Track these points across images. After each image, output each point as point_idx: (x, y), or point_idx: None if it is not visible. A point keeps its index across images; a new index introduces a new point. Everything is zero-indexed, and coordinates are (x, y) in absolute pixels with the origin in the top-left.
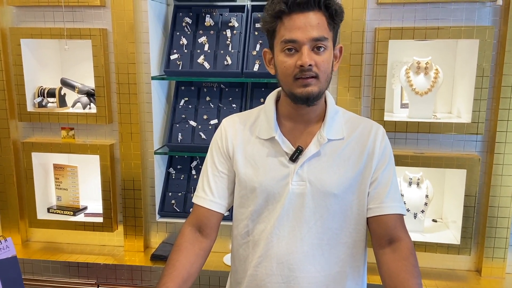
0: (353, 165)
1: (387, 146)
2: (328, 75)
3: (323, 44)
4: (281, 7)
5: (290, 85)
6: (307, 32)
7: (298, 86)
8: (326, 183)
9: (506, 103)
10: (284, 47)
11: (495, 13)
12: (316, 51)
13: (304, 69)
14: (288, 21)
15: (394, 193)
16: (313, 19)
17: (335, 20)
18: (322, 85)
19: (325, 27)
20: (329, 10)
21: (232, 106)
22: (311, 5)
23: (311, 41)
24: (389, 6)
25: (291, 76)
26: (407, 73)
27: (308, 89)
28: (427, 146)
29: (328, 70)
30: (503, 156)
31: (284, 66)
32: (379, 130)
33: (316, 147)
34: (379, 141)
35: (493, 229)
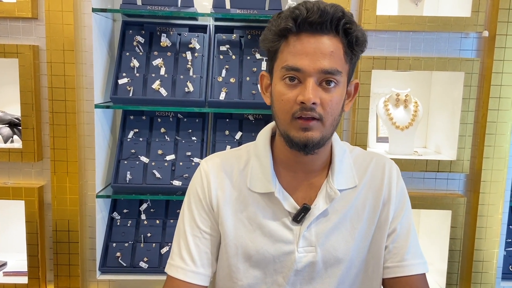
0: (368, 218)
1: (403, 188)
2: (336, 118)
3: (335, 78)
4: (288, 25)
5: (287, 125)
6: (316, 61)
7: (296, 128)
8: (338, 247)
9: (491, 139)
10: (285, 75)
11: (479, 45)
12: (324, 87)
13: (305, 107)
14: (294, 43)
15: (415, 246)
16: (326, 46)
17: (354, 50)
18: (326, 131)
19: (341, 58)
20: (349, 36)
21: (191, 139)
22: (327, 28)
23: (319, 73)
24: (372, 33)
25: (289, 114)
26: (386, 106)
27: (307, 134)
28: (410, 185)
29: (336, 112)
30: (489, 196)
31: (281, 99)
32: (393, 169)
33: (326, 203)
34: (395, 183)
35: (479, 274)
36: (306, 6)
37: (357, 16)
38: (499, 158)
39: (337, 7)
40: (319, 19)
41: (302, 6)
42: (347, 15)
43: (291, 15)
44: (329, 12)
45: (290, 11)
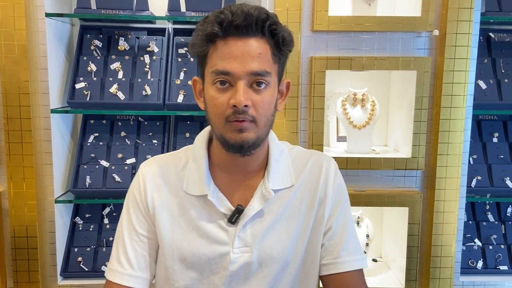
0: (304, 217)
1: (341, 185)
2: (269, 118)
3: (265, 79)
4: (214, 29)
5: (221, 128)
6: (245, 64)
7: (231, 131)
8: (274, 247)
9: (445, 136)
10: (215, 79)
11: (431, 44)
12: (255, 88)
13: (238, 110)
14: (222, 47)
15: (352, 243)
16: (253, 48)
17: (282, 51)
18: (260, 132)
19: (269, 59)
20: (275, 37)
21: (152, 142)
22: (252, 30)
23: (249, 75)
24: (325, 34)
25: (222, 117)
26: (344, 105)
27: (242, 136)
28: (368, 183)
29: (268, 112)
30: (444, 192)
31: (214, 103)
32: (331, 167)
33: (261, 203)
34: (331, 181)
35: (437, 270)
36: (231, 9)
37: (309, 17)
38: (453, 155)
39: (261, 10)
40: (244, 22)
41: (227, 10)
42: (272, 16)
43: (216, 20)
44: (253, 14)
45: (215, 16)
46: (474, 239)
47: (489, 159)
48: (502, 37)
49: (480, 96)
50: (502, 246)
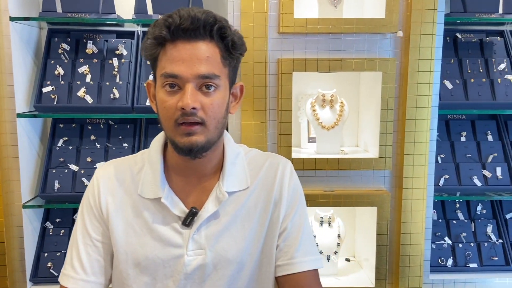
0: (259, 219)
1: (296, 187)
2: (219, 120)
3: (213, 82)
4: (162, 33)
5: (172, 131)
6: (192, 67)
7: (180, 134)
8: (229, 249)
9: (411, 136)
10: (164, 82)
11: (396, 45)
12: (204, 91)
13: (186, 113)
14: (171, 50)
15: (307, 244)
16: (201, 51)
17: (232, 54)
18: (211, 134)
19: (218, 62)
20: (225, 41)
21: (122, 145)
22: (201, 34)
23: (197, 78)
24: (291, 36)
25: (172, 120)
26: (313, 106)
27: (191, 139)
28: (337, 183)
29: (219, 115)
30: (411, 191)
31: (164, 106)
32: (286, 169)
33: (215, 205)
34: (287, 182)
35: (406, 268)
36: (179, 13)
37: (276, 19)
38: (419, 154)
39: (209, 13)
40: (191, 25)
41: (175, 14)
42: (220, 20)
43: (164, 23)
44: (200, 18)
45: (164, 19)
46: (444, 237)
47: (457, 158)
48: (468, 37)
49: (447, 96)
50: (471, 244)
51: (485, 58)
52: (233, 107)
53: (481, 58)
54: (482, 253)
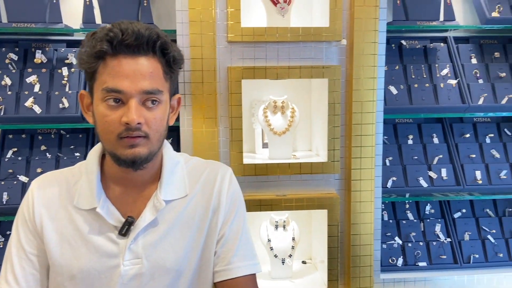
0: (197, 226)
1: (235, 193)
2: (162, 133)
3: (157, 97)
4: (103, 47)
5: (113, 145)
6: (137, 83)
7: (123, 147)
8: (166, 257)
9: (358, 140)
10: (106, 97)
11: (341, 53)
12: (147, 106)
13: (131, 128)
14: (112, 64)
15: (244, 249)
16: (145, 67)
17: (172, 69)
18: (153, 146)
19: (161, 77)
20: (166, 56)
21: (74, 155)
22: (144, 49)
23: (141, 93)
24: (240, 45)
25: (114, 134)
26: (265, 113)
27: (135, 151)
28: (289, 187)
29: (161, 128)
30: (360, 194)
31: (105, 120)
32: (225, 176)
33: (152, 214)
34: (225, 189)
35: (357, 269)
36: (120, 27)
37: (224, 29)
38: (366, 158)
39: (152, 30)
40: (136, 41)
41: (116, 28)
42: (162, 36)
43: (105, 37)
44: (145, 35)
45: (105, 33)
46: (395, 237)
47: (404, 161)
48: (413, 44)
49: (392, 100)
50: (421, 243)
51: (428, 64)
52: (171, 118)
53: (425, 64)
54: (431, 252)
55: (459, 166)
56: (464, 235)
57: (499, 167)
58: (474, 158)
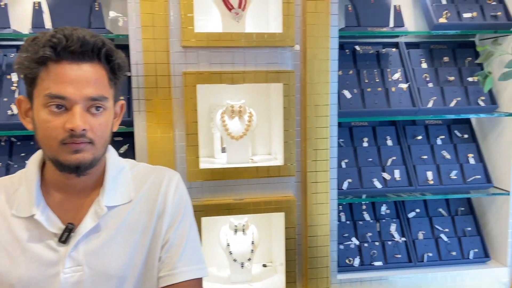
0: (142, 232)
1: (182, 199)
2: (106, 139)
3: (102, 104)
4: (46, 53)
5: (55, 151)
6: (81, 89)
7: (66, 152)
8: (109, 264)
9: (313, 143)
10: (48, 102)
11: (296, 58)
12: (92, 112)
13: (75, 134)
14: (55, 70)
15: (190, 254)
16: (90, 73)
17: (116, 75)
18: (98, 152)
19: (105, 84)
20: (111, 63)
21: (25, 163)
22: (89, 56)
23: (86, 100)
24: (195, 50)
25: (56, 140)
26: (222, 117)
27: (79, 157)
28: (247, 191)
29: (106, 134)
30: (316, 196)
31: (47, 126)
32: (172, 181)
33: (94, 220)
34: (171, 194)
35: (315, 270)
36: (64, 33)
37: (178, 33)
38: (321, 161)
39: (97, 37)
40: (81, 48)
41: (60, 34)
42: (107, 43)
43: (49, 43)
44: (90, 42)
45: (47, 39)
46: (352, 238)
47: (359, 163)
48: (366, 49)
49: (346, 104)
50: (376, 243)
51: (381, 69)
52: (114, 124)
53: (378, 68)
54: (386, 252)
55: (411, 167)
56: (418, 234)
57: (450, 168)
58: (426, 159)
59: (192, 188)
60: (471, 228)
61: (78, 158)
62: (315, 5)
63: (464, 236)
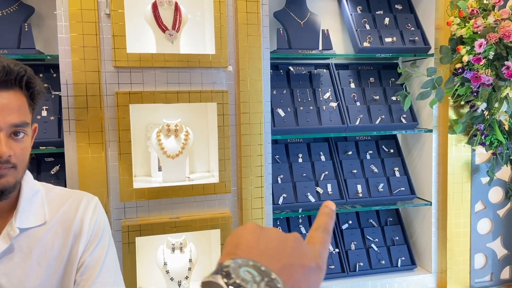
0: (57, 254)
1: (100, 221)
2: (27, 163)
3: (24, 130)
4: None
5: None
6: (6, 116)
7: None
8: (23, 286)
9: (247, 161)
10: None
11: (230, 78)
12: (14, 138)
13: (0, 160)
14: None
15: (106, 276)
16: (12, 101)
17: (35, 101)
18: (19, 175)
19: (26, 110)
20: (31, 90)
21: None
22: (12, 84)
23: (10, 127)
24: (127, 70)
25: None
26: (158, 136)
27: (2, 181)
28: (183, 209)
29: (26, 157)
30: (251, 212)
31: None
32: (90, 204)
33: (6, 242)
34: (89, 217)
35: None
36: None
37: (110, 54)
38: (256, 177)
39: (20, 65)
40: (5, 77)
41: None
42: (28, 71)
43: None
44: (14, 70)
45: None
46: None
47: (294, 178)
48: (299, 70)
49: (280, 122)
50: None
51: (313, 88)
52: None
53: (310, 88)
54: None
55: (342, 181)
56: (351, 245)
57: (378, 181)
58: (356, 173)
59: (127, 208)
60: (398, 237)
61: (2, 183)
62: (247, 29)
63: (393, 245)
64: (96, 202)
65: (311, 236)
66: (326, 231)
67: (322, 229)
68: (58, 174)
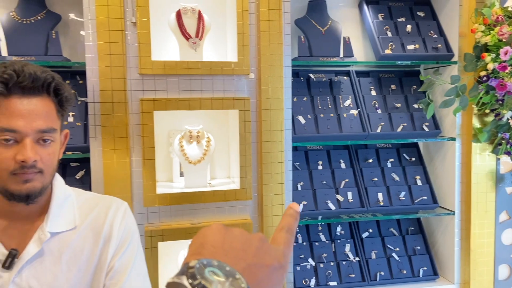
0: (87, 259)
1: (129, 227)
2: (54, 168)
3: (51, 136)
4: None
5: (5, 181)
6: (32, 122)
7: (16, 182)
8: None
9: (268, 168)
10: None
11: (252, 85)
12: (41, 144)
13: (26, 165)
14: (6, 105)
15: (134, 281)
16: (40, 107)
17: (64, 107)
18: (46, 180)
19: (54, 116)
20: (59, 96)
21: None
22: (39, 91)
23: (36, 132)
24: (152, 77)
25: (6, 171)
26: (181, 142)
27: (28, 186)
28: (204, 215)
29: (54, 163)
30: (271, 218)
31: None
32: (120, 209)
33: (37, 246)
34: (118, 222)
35: None
36: (14, 68)
37: (135, 61)
38: (277, 184)
39: (47, 72)
40: (32, 84)
41: (10, 70)
42: (56, 78)
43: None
44: (41, 77)
45: None
46: (308, 258)
47: (314, 185)
48: (320, 77)
49: (301, 129)
50: (332, 263)
51: (333, 95)
52: (60, 153)
53: (330, 95)
54: (341, 271)
55: (363, 189)
56: (371, 253)
57: (399, 189)
58: (377, 181)
59: (149, 213)
60: (420, 247)
61: (28, 188)
62: (269, 36)
63: (414, 255)
64: (125, 207)
65: (275, 237)
66: (290, 232)
67: (286, 229)
68: (83, 179)
